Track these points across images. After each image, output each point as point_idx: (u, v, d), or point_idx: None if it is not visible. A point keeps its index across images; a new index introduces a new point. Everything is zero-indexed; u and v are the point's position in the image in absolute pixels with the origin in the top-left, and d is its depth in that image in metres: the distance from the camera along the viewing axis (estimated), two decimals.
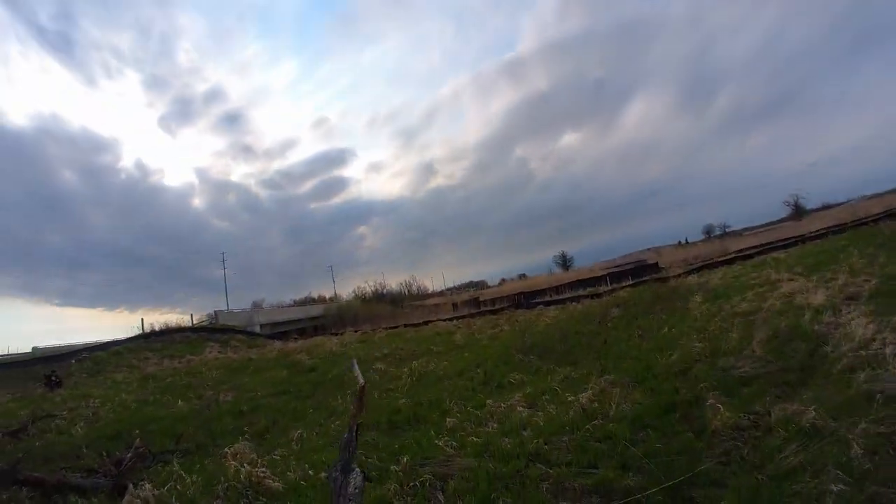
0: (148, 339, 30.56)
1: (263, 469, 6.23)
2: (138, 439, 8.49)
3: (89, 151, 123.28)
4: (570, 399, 7.21)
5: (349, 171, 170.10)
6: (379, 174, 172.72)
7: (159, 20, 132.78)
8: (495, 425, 6.81)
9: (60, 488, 6.85)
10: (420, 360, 14.44)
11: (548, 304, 25.57)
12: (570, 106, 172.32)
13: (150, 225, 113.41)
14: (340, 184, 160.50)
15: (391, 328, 30.24)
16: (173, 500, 5.86)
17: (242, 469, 6.17)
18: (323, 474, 5.65)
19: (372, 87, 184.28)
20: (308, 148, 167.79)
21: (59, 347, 33.17)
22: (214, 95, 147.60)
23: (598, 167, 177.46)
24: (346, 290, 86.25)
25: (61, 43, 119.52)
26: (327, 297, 79.57)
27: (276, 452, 7.28)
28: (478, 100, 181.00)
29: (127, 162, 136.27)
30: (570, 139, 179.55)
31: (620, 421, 5.93)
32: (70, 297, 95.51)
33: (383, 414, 8.80)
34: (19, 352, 34.40)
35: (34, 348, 37.32)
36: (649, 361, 8.91)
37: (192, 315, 43.13)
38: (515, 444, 5.72)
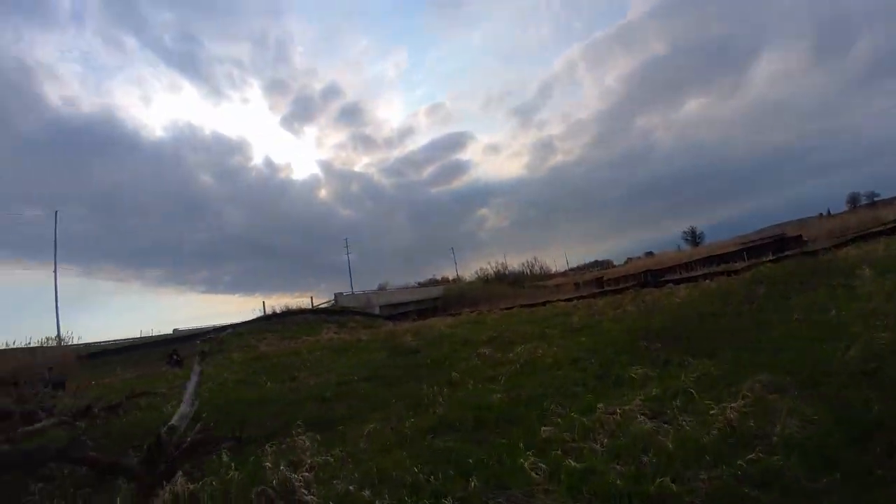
0: (269, 321, 32.09)
1: (306, 474, 5.13)
2: (200, 423, 8.11)
3: (222, 154, 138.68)
4: (711, 411, 5.30)
5: (467, 154, 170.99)
6: (497, 155, 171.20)
7: (273, 29, 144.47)
8: (605, 441, 5.12)
9: (112, 469, 6.54)
10: (530, 343, 12.85)
11: (677, 282, 22.93)
12: (693, 69, 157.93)
13: (281, 217, 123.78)
14: (459, 167, 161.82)
15: (507, 309, 28.89)
16: (205, 498, 5.04)
17: (279, 472, 5.13)
18: (365, 492, 4.42)
19: (483, 67, 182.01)
20: (426, 134, 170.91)
21: (197, 329, 35.27)
22: (331, 92, 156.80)
23: (726, 133, 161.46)
24: (468, 271, 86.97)
25: (187, 61, 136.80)
26: (450, 278, 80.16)
27: (333, 452, 6.14)
28: (593, 71, 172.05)
29: (257, 161, 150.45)
30: (694, 105, 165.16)
31: (789, 452, 4.02)
32: (213, 286, 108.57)
33: (471, 410, 7.41)
34: (161, 334, 37.04)
35: (175, 330, 40.40)
36: (817, 356, 6.76)
37: (311, 297, 44.55)
38: (629, 478, 4.07)
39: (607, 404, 6.24)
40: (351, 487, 4.58)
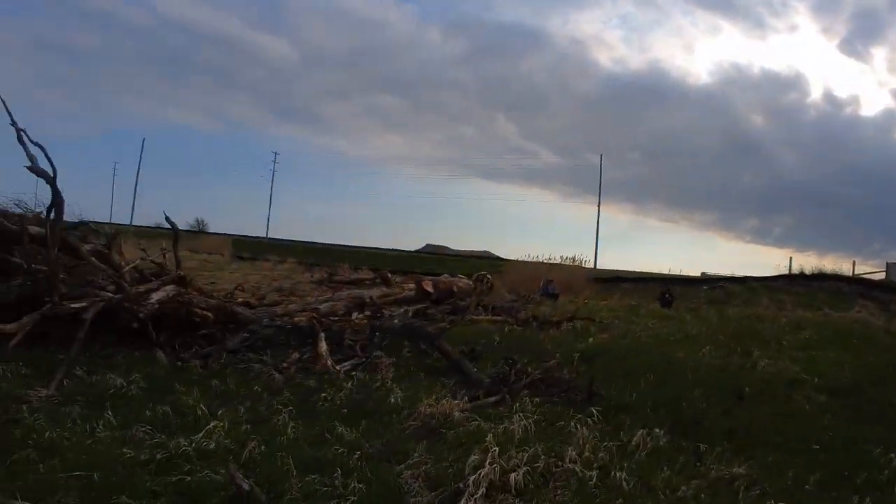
0: (791, 281, 27.58)
1: (519, 473, 3.82)
2: (545, 366, 7.73)
3: (773, 93, 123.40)
4: None
5: None
6: None
7: None
8: None
9: (457, 366, 7.85)
10: None
11: None
12: None
13: (845, 163, 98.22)
14: None
15: None
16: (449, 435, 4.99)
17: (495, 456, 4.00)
18: None
19: None
20: None
21: (713, 276, 33.72)
22: None
23: None
24: None
25: (722, 1, 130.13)
26: None
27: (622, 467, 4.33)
28: None
29: (815, 96, 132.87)
30: None
31: None
32: (761, 236, 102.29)
33: None
34: (681, 274, 38.21)
35: (702, 273, 40.18)
36: None
37: (854, 263, 35.29)
38: None
39: None
40: None
